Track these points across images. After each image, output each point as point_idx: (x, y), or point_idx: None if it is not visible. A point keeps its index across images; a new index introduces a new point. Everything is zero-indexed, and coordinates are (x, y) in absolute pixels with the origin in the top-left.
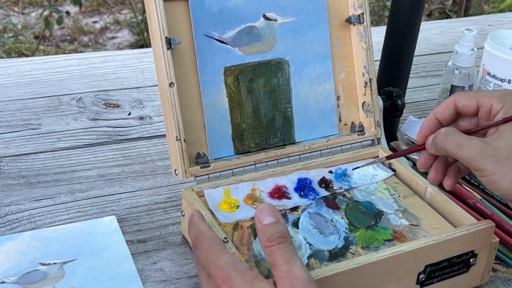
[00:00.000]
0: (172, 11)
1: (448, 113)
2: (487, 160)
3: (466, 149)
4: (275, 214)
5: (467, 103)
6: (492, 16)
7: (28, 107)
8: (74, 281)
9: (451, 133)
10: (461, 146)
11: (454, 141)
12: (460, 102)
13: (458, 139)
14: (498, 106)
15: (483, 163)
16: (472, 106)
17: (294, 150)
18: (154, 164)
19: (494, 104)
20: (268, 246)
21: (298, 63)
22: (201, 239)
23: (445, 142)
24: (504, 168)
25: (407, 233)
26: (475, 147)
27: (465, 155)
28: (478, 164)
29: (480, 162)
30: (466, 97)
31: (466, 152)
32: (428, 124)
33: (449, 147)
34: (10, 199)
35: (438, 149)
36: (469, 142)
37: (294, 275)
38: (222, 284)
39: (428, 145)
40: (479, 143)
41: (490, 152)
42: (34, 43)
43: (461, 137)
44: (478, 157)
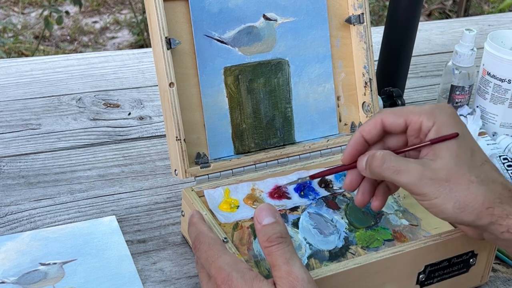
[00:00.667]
0: (172, 11)
1: (375, 132)
2: (427, 184)
3: (404, 174)
4: (274, 214)
5: (394, 122)
6: (492, 16)
7: (28, 107)
8: (74, 281)
9: (387, 158)
10: (399, 172)
11: (391, 167)
12: (388, 120)
13: (396, 165)
14: (428, 124)
15: (423, 187)
16: (400, 125)
17: (294, 150)
18: (154, 164)
19: (423, 121)
20: (267, 247)
21: (298, 63)
22: (201, 240)
23: (382, 168)
24: (445, 191)
25: (407, 233)
26: (413, 172)
27: (404, 180)
28: (418, 189)
29: (420, 187)
30: (394, 115)
31: (404, 178)
32: (354, 143)
33: (386, 173)
34: (10, 199)
35: (374, 175)
36: (407, 167)
37: (294, 275)
38: (222, 284)
39: (362, 169)
40: (417, 167)
41: (429, 175)
42: (34, 43)
43: (398, 161)
44: (418, 182)
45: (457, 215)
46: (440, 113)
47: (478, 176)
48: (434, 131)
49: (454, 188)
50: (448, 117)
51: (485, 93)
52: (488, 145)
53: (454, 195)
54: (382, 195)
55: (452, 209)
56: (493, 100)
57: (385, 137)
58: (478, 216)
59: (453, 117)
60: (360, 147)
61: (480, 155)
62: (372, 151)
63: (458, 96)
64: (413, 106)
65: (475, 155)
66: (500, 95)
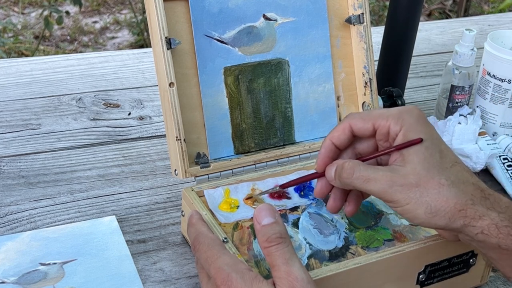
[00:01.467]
0: (172, 11)
1: (344, 138)
2: (397, 191)
3: (374, 182)
4: (274, 215)
5: (363, 126)
6: (492, 16)
7: (28, 107)
8: (74, 281)
9: (356, 168)
10: (369, 181)
11: (361, 177)
12: (356, 126)
13: (365, 174)
14: (396, 128)
15: (394, 194)
16: (368, 129)
17: (294, 150)
18: (154, 164)
19: (391, 126)
20: (266, 247)
21: (298, 63)
22: (201, 240)
23: (352, 178)
24: (416, 196)
25: (407, 233)
26: (383, 180)
27: (374, 189)
28: (389, 196)
29: (390, 194)
30: (362, 120)
31: (374, 186)
32: (325, 151)
33: (356, 183)
34: (10, 199)
35: (344, 185)
36: (376, 175)
37: (293, 276)
38: (222, 285)
39: (331, 179)
40: (386, 174)
41: (399, 182)
42: (34, 43)
43: (367, 170)
44: (388, 189)
45: (429, 220)
46: (407, 117)
47: (448, 179)
48: (401, 135)
49: (425, 193)
50: (415, 120)
51: (485, 93)
52: (488, 145)
53: (425, 199)
54: (355, 200)
55: (424, 214)
56: (493, 100)
57: (355, 141)
58: (450, 220)
59: (420, 120)
60: (331, 154)
61: (449, 156)
62: (340, 161)
63: (458, 96)
64: (381, 110)
65: (444, 157)
66: (500, 95)
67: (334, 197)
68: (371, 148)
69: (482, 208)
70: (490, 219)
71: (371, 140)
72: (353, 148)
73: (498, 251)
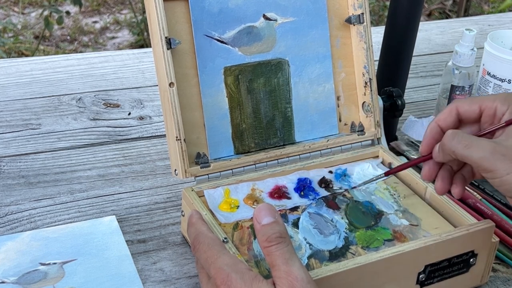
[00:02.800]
0: (172, 11)
1: (450, 120)
2: (499, 159)
3: (475, 148)
4: (274, 214)
5: (469, 108)
6: (492, 16)
7: (28, 107)
8: (74, 281)
9: (458, 133)
10: (470, 146)
11: (462, 141)
12: (463, 108)
13: (467, 139)
14: (503, 108)
15: (495, 163)
16: (475, 111)
17: (294, 150)
18: (154, 164)
19: (498, 106)
20: (266, 247)
21: (298, 63)
22: (200, 240)
23: (453, 142)
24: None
25: (407, 233)
26: (485, 147)
27: (475, 155)
28: (490, 165)
29: (491, 162)
30: (468, 102)
31: (475, 152)
32: (431, 133)
33: (457, 148)
34: (10, 199)
35: (445, 153)
36: (478, 142)
37: (293, 276)
38: (222, 285)
39: (435, 153)
40: (489, 143)
41: (502, 151)
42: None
43: (469, 137)
44: (489, 157)
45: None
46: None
47: None
48: (508, 114)
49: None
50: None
51: (485, 93)
52: None
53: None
54: (461, 183)
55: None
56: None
57: (460, 126)
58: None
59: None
60: (436, 136)
61: None
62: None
63: (458, 96)
64: (486, 95)
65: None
66: None
67: (442, 179)
68: (475, 134)
69: None
70: None
71: (475, 125)
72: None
73: None
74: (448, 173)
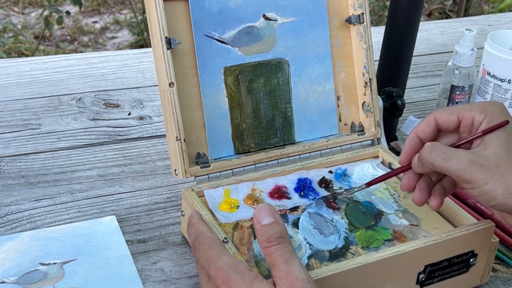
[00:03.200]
0: (172, 11)
1: (429, 130)
2: (477, 170)
3: (454, 160)
4: (274, 214)
5: (448, 118)
6: (492, 16)
7: (28, 107)
8: (74, 281)
9: (436, 146)
10: (448, 159)
11: (440, 154)
12: (441, 118)
13: (445, 151)
14: (480, 117)
15: (474, 173)
16: (453, 121)
17: (294, 150)
18: (154, 164)
19: (475, 116)
20: (267, 247)
21: (298, 63)
22: (201, 240)
23: (432, 155)
24: (496, 177)
25: (407, 233)
26: (463, 158)
27: (454, 167)
28: (468, 176)
29: (470, 173)
30: (446, 113)
31: (454, 164)
32: (410, 143)
33: (436, 161)
34: (10, 199)
35: (424, 165)
36: (456, 154)
37: (293, 276)
38: (222, 285)
39: (414, 164)
40: (467, 154)
41: (480, 162)
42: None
43: (448, 149)
44: (468, 168)
45: (507, 201)
46: (491, 107)
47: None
48: (485, 123)
49: (505, 174)
50: (499, 110)
51: (485, 93)
52: None
53: (504, 180)
54: (440, 195)
55: (503, 195)
56: (493, 100)
57: (439, 136)
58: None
59: (503, 110)
60: (415, 146)
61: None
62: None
63: (458, 96)
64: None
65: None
66: (500, 95)
67: (420, 189)
68: (454, 143)
69: None
70: None
71: (454, 135)
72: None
73: None
74: (426, 184)
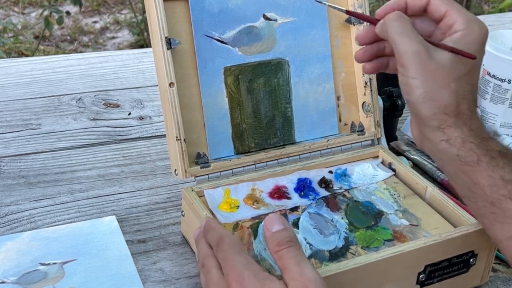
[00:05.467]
0: (172, 11)
1: (419, 5)
2: (416, 62)
3: (406, 40)
4: (283, 222)
5: (439, 7)
6: (492, 16)
7: (28, 107)
8: (74, 281)
9: (404, 18)
10: (403, 35)
11: (399, 27)
12: (435, 1)
13: (404, 27)
14: (460, 27)
15: (412, 63)
16: (440, 12)
17: (294, 150)
18: (154, 164)
19: (457, 24)
20: (277, 251)
21: (298, 63)
22: (224, 240)
23: (394, 23)
24: (424, 78)
25: (407, 233)
26: (415, 45)
27: (401, 47)
28: (407, 61)
29: (409, 60)
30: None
31: (404, 44)
32: (395, 3)
33: (393, 30)
34: (10, 199)
35: (384, 30)
36: (412, 37)
37: (306, 277)
38: (232, 281)
39: (379, 24)
40: (420, 45)
41: (424, 58)
42: (34, 43)
43: (409, 27)
44: (410, 55)
45: (417, 103)
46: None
47: (457, 88)
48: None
49: (431, 82)
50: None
51: (485, 93)
52: None
53: (428, 86)
54: (378, 65)
55: (418, 96)
56: (493, 100)
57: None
58: (432, 116)
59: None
60: (398, 8)
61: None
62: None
63: None
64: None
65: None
66: (500, 95)
67: (366, 49)
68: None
69: (461, 123)
70: (461, 132)
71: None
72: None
73: (455, 165)
74: (375, 49)
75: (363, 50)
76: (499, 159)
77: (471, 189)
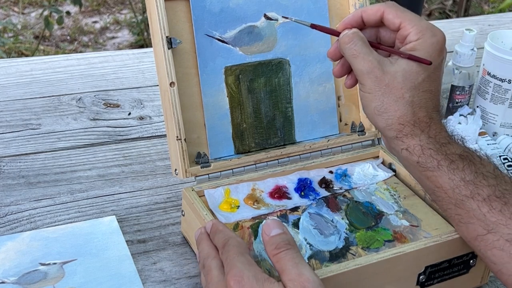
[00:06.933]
0: (173, 10)
1: (374, 19)
2: (371, 79)
3: (359, 61)
4: (282, 227)
5: (392, 20)
6: (492, 16)
7: (28, 107)
8: (74, 281)
9: (355, 40)
10: (356, 57)
11: (353, 49)
12: (388, 15)
13: (357, 49)
14: (413, 38)
15: (367, 80)
16: (395, 25)
17: (294, 150)
18: (154, 164)
19: (411, 34)
20: (276, 254)
21: (299, 63)
22: (230, 242)
23: (346, 46)
24: (379, 92)
25: (408, 234)
26: (367, 64)
27: (356, 67)
28: (363, 79)
29: (365, 78)
30: (395, 13)
31: (358, 64)
32: (353, 17)
33: (346, 53)
34: (10, 199)
35: (340, 49)
36: (365, 57)
37: (305, 277)
38: (231, 280)
39: (340, 38)
40: (373, 61)
41: (377, 74)
42: (34, 43)
43: (362, 48)
44: (366, 74)
45: (373, 116)
46: (428, 36)
47: (411, 97)
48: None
49: (386, 95)
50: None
51: (485, 93)
52: (488, 145)
53: (382, 99)
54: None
55: (373, 109)
56: (493, 100)
57: (380, 27)
58: (388, 126)
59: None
60: (356, 24)
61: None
62: (354, 29)
63: (458, 96)
64: (415, 15)
65: (425, 82)
66: (500, 95)
67: (343, 63)
68: (390, 41)
69: (419, 131)
70: (419, 140)
71: (393, 33)
72: (376, 31)
73: (418, 171)
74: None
75: (339, 65)
76: (459, 162)
77: (435, 192)
